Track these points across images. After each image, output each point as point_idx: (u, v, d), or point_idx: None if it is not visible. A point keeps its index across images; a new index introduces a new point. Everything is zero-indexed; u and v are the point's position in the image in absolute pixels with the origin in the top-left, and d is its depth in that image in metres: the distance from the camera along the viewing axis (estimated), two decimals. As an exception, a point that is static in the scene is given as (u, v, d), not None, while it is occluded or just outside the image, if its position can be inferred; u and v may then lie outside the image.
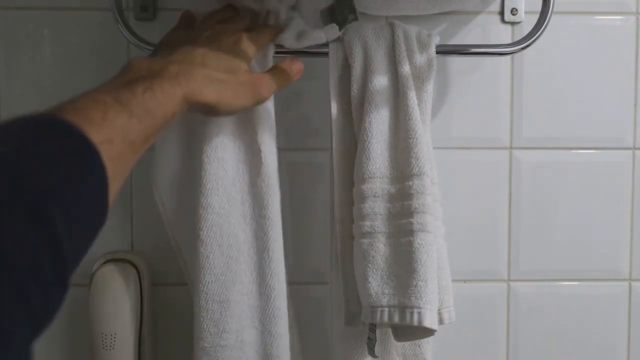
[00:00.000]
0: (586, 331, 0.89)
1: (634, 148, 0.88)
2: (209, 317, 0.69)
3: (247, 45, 0.67)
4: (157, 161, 0.73)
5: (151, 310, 0.84)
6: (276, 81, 0.66)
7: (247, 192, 0.71)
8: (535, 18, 0.76)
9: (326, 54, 0.74)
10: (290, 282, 0.74)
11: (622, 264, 0.89)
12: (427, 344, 0.78)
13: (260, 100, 0.65)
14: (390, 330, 0.75)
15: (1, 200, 0.36)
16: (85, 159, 0.43)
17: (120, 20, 0.73)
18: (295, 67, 0.69)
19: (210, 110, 0.60)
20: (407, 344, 0.77)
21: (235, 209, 0.70)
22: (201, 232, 0.69)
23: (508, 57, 0.86)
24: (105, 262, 0.80)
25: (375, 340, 0.71)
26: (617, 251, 0.88)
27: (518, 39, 0.80)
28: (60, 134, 0.42)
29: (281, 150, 0.75)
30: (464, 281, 0.87)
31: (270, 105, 0.72)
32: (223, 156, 0.69)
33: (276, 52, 0.72)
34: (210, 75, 0.59)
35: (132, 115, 0.49)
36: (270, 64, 0.71)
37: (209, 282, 0.69)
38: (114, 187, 0.46)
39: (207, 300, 0.68)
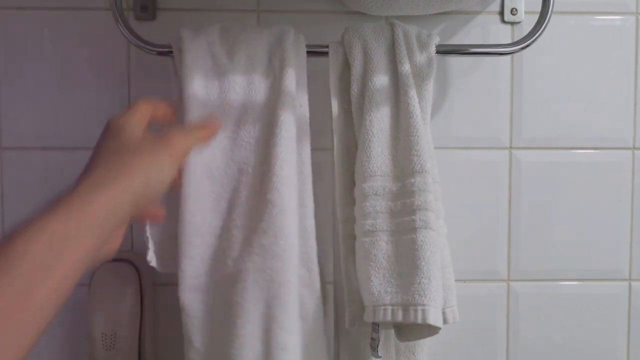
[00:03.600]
0: (586, 331, 0.89)
1: (634, 148, 0.88)
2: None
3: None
4: None
5: (151, 310, 0.84)
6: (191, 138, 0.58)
7: None
8: (535, 18, 0.76)
9: (326, 53, 0.74)
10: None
11: (622, 264, 0.89)
12: (422, 351, 0.77)
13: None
14: (387, 333, 0.75)
15: None
16: None
17: (120, 20, 0.73)
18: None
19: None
20: (401, 350, 0.76)
21: None
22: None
23: (508, 57, 0.86)
24: (105, 262, 0.80)
25: (379, 341, 0.70)
26: (617, 251, 0.88)
27: (518, 38, 0.80)
28: None
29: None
30: (464, 281, 0.87)
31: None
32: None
33: None
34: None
35: None
36: None
37: None
38: None
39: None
